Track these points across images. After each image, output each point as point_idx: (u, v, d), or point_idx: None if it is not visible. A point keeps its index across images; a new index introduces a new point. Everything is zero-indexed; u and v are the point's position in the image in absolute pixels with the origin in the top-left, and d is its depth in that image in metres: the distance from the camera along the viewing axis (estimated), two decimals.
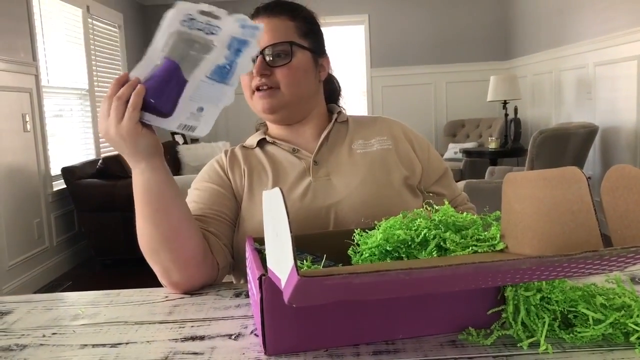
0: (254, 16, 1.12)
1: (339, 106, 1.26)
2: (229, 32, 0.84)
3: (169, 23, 0.84)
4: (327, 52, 1.19)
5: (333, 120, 1.17)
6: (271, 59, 1.07)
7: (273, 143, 1.16)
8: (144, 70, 0.84)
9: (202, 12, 0.84)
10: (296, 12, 1.12)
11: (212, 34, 0.84)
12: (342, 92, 1.30)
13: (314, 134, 1.16)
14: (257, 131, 1.22)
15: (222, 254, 1.03)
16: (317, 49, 1.14)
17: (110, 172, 3.99)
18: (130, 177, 0.93)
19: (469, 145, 5.72)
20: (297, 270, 0.47)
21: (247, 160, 1.14)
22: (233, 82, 0.85)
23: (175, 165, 5.34)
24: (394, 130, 1.19)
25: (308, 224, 1.04)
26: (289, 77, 1.07)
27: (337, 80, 1.29)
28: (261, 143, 1.17)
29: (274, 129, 1.18)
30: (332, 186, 1.09)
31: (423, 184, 1.16)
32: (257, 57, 1.06)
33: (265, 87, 1.08)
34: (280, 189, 0.56)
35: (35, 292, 3.43)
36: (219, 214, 1.07)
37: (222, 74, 0.84)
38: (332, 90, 1.26)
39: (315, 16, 1.17)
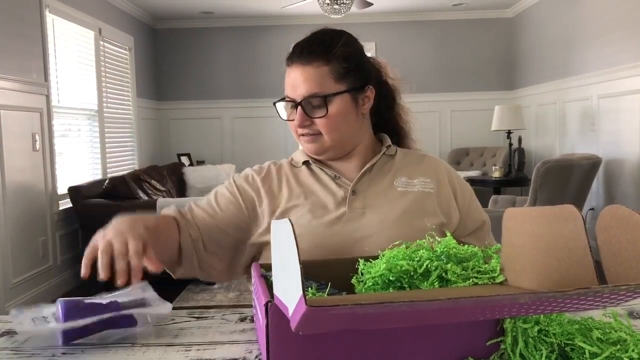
0: (288, 64, 1.12)
1: (410, 130, 1.28)
2: None
3: None
4: (372, 78, 1.17)
5: (381, 154, 1.17)
6: (308, 110, 1.09)
7: (317, 165, 1.17)
8: None
9: None
10: (330, 53, 1.08)
11: None
12: (406, 117, 1.29)
13: (359, 165, 1.16)
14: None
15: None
16: (357, 84, 1.12)
17: (116, 193, 4.02)
18: (136, 198, 0.96)
19: (473, 173, 5.75)
20: (305, 300, 0.50)
21: (288, 179, 1.16)
22: None
23: (180, 186, 5.36)
24: (440, 173, 1.17)
25: (333, 253, 1.03)
26: (328, 125, 1.10)
27: (398, 105, 1.28)
28: (306, 163, 1.18)
29: None
30: (365, 220, 1.08)
31: (458, 233, 1.14)
32: (297, 106, 1.09)
33: (307, 135, 1.12)
34: (290, 220, 0.59)
35: None
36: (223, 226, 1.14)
37: None
38: (389, 118, 1.27)
39: (353, 48, 1.13)
